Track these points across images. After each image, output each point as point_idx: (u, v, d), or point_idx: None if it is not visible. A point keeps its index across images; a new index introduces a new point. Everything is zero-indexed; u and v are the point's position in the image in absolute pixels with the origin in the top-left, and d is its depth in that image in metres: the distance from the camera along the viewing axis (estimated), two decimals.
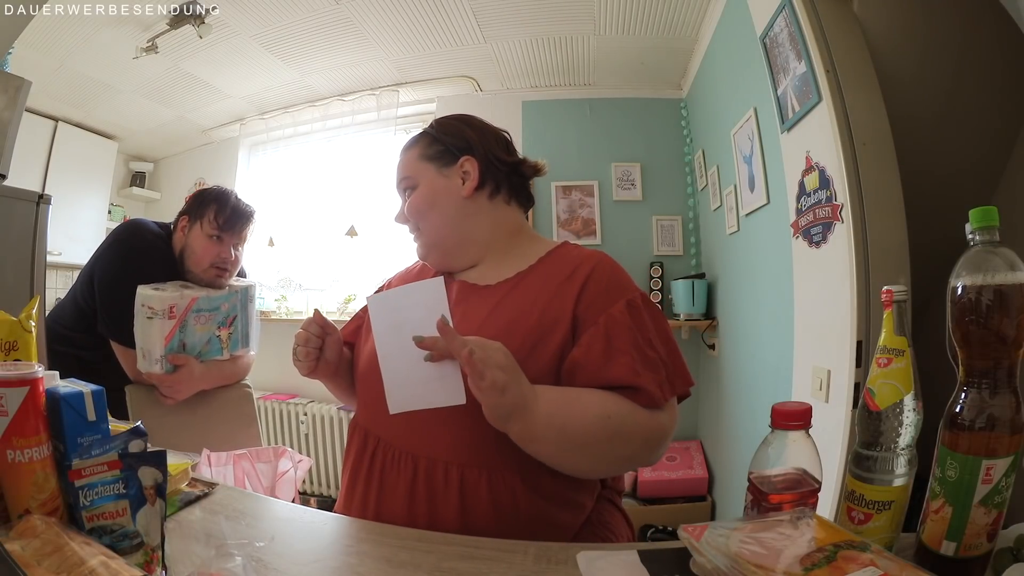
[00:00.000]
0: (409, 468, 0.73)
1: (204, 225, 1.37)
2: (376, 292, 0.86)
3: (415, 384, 0.67)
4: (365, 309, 0.96)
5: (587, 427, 0.67)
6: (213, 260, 1.38)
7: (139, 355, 1.32)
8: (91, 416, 0.51)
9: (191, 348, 1.36)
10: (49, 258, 1.61)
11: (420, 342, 0.65)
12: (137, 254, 1.37)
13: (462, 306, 0.80)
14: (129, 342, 1.33)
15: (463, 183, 0.85)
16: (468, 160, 0.86)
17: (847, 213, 1.30)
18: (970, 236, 0.54)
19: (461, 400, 0.66)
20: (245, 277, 1.55)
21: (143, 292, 1.28)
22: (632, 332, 0.72)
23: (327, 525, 0.72)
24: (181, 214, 1.43)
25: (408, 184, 0.89)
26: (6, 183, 1.50)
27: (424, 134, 0.91)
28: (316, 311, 0.86)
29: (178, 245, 1.41)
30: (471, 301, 0.80)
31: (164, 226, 1.46)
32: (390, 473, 0.75)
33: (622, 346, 0.71)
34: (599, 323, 0.73)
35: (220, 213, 1.38)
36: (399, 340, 0.67)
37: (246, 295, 1.46)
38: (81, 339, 1.40)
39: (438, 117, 0.95)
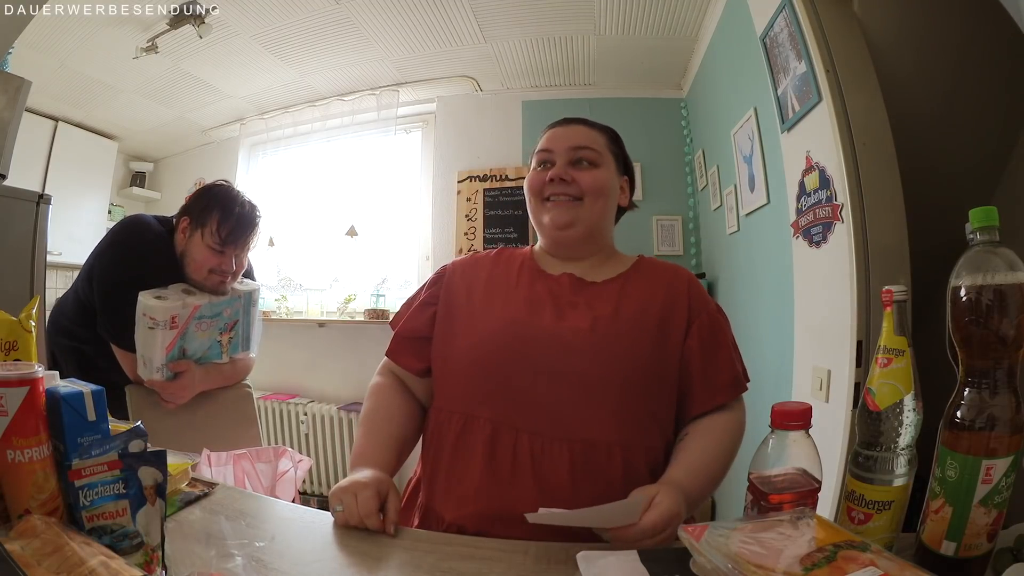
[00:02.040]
0: (566, 452, 0.75)
1: (205, 235, 1.32)
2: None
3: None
4: (429, 297, 0.91)
5: (719, 479, 0.78)
6: (213, 268, 1.34)
7: (139, 362, 1.30)
8: (91, 416, 0.51)
9: (191, 354, 1.35)
10: (49, 258, 1.60)
11: (612, 540, 0.64)
12: (137, 256, 1.33)
13: (583, 296, 0.87)
14: (129, 346, 1.31)
15: (620, 192, 0.95)
16: (626, 181, 0.96)
17: (847, 213, 1.30)
18: (970, 236, 0.54)
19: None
20: (253, 277, 1.52)
21: (145, 301, 1.25)
22: (726, 331, 0.88)
23: (327, 525, 0.72)
24: (183, 213, 1.37)
25: (592, 157, 0.90)
26: (6, 183, 1.50)
27: (608, 130, 0.96)
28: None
29: (179, 246, 1.36)
30: (588, 293, 0.87)
31: (165, 221, 1.41)
32: (544, 461, 0.75)
33: (724, 340, 0.86)
34: (703, 319, 0.85)
35: (223, 225, 1.31)
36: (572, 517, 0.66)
37: (249, 299, 1.43)
38: (83, 333, 1.38)
39: (612, 128, 0.97)
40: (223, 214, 1.33)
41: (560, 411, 0.76)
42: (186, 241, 1.35)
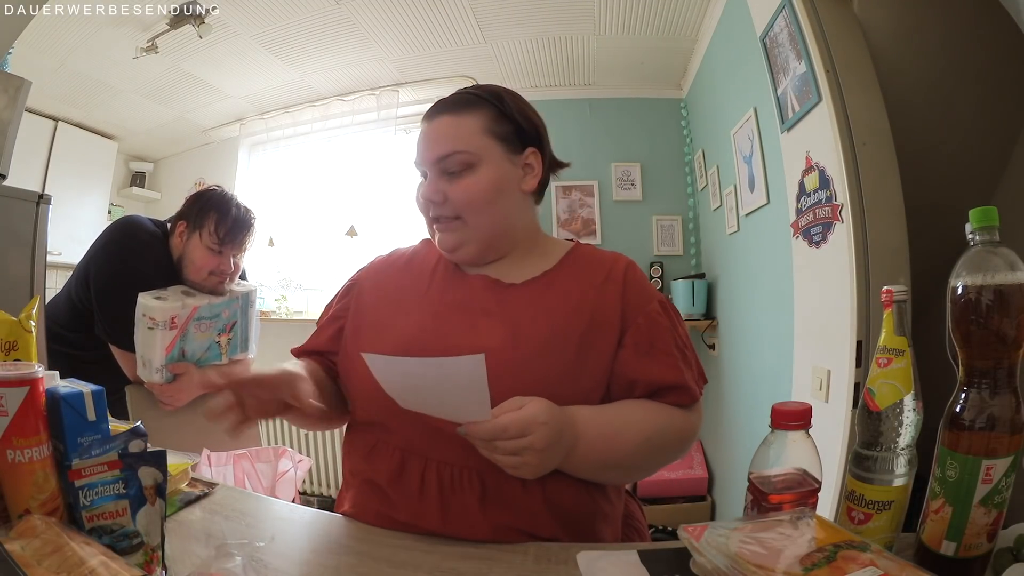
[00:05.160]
0: (476, 483, 0.67)
1: (203, 236, 1.33)
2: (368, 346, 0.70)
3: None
4: (338, 310, 0.86)
5: (626, 455, 0.68)
6: (212, 270, 1.35)
7: (139, 363, 1.30)
8: (91, 416, 0.51)
9: (191, 355, 1.35)
10: (49, 258, 1.60)
11: (466, 435, 0.60)
12: (133, 255, 1.34)
13: (498, 301, 0.74)
14: (128, 346, 1.31)
15: (523, 176, 0.77)
16: (534, 153, 0.77)
17: (847, 213, 1.30)
18: (970, 236, 0.54)
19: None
20: (246, 280, 1.53)
21: (144, 302, 1.25)
22: (670, 332, 0.74)
23: (327, 525, 0.72)
24: (179, 218, 1.39)
25: (465, 161, 0.73)
26: (6, 183, 1.49)
27: (486, 102, 0.75)
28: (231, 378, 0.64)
29: (176, 250, 1.37)
30: (505, 297, 0.74)
31: (160, 224, 1.42)
32: (454, 490, 0.68)
33: (664, 346, 0.73)
34: (640, 323, 0.73)
35: (220, 225, 1.33)
36: (417, 399, 0.62)
37: (247, 300, 1.43)
38: (77, 339, 1.38)
39: (499, 87, 0.78)
40: (220, 215, 1.34)
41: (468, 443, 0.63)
42: (184, 244, 1.36)
